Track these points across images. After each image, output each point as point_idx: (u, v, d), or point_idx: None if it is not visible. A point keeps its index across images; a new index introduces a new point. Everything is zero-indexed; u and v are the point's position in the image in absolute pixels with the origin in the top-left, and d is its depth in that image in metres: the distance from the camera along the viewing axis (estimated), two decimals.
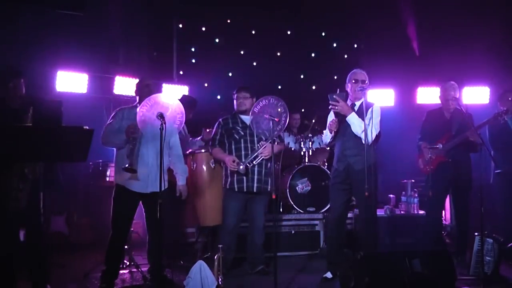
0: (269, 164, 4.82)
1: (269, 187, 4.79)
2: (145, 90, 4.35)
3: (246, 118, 4.83)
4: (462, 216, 5.15)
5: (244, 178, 4.69)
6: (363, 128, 4.16)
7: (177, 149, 4.46)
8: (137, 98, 4.44)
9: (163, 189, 4.19)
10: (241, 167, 4.62)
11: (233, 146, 4.77)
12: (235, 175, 4.70)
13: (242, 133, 4.78)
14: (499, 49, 6.98)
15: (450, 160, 4.93)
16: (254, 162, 4.69)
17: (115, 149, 4.31)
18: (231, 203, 4.75)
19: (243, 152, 4.72)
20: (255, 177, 4.71)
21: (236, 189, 4.71)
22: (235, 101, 4.91)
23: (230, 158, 4.67)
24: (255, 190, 4.72)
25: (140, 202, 4.35)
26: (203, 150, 5.17)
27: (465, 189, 5.06)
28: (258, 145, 4.70)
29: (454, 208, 5.39)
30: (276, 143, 4.73)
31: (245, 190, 4.71)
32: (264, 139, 4.64)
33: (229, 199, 4.77)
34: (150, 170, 4.19)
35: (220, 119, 4.92)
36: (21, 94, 3.87)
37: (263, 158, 4.70)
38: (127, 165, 4.04)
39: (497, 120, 4.93)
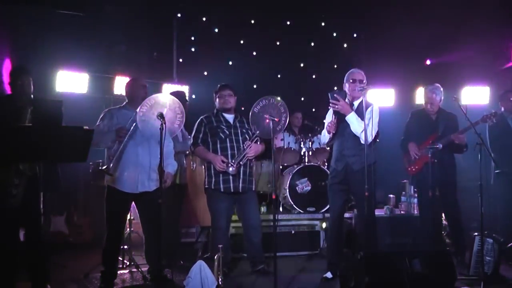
0: (252, 164, 4.82)
1: (253, 186, 4.80)
2: (142, 91, 4.34)
3: (230, 117, 4.79)
4: (454, 217, 5.15)
5: (231, 178, 4.60)
6: (363, 127, 4.16)
7: (168, 145, 4.41)
8: (127, 98, 4.41)
9: (154, 188, 4.24)
10: (231, 169, 4.53)
11: (218, 146, 4.67)
12: (221, 175, 4.61)
13: (228, 132, 4.69)
14: (499, 49, 6.98)
15: (435, 161, 4.93)
16: (240, 162, 4.62)
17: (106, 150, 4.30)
18: (221, 205, 4.65)
19: (229, 152, 4.64)
20: (241, 177, 4.65)
21: (222, 190, 4.62)
22: (218, 99, 4.80)
23: (219, 158, 4.57)
24: (240, 190, 4.67)
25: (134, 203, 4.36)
26: None
27: (451, 189, 5.09)
28: (243, 145, 4.66)
29: (443, 208, 5.37)
30: (258, 142, 4.72)
31: (232, 190, 4.63)
32: (248, 138, 4.63)
33: (217, 201, 4.66)
34: (140, 171, 4.19)
35: (202, 117, 4.79)
36: (28, 92, 3.88)
37: (247, 158, 4.66)
38: (104, 167, 4.04)
39: (486, 121, 4.93)
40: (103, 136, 4.13)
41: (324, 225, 5.65)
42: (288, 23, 8.07)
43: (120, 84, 6.72)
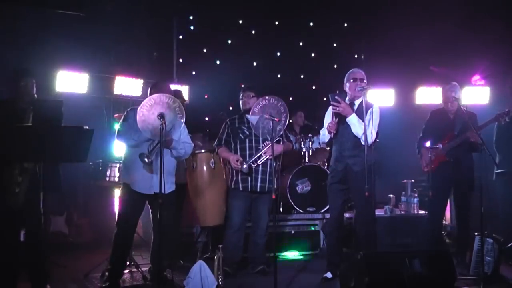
0: (274, 164, 4.83)
1: (273, 186, 4.80)
2: None
3: (252, 118, 4.84)
4: (463, 217, 5.13)
5: (249, 177, 4.71)
6: (364, 129, 4.16)
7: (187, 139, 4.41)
8: None
9: (170, 191, 4.24)
10: (244, 166, 4.64)
11: (238, 146, 4.81)
12: (240, 175, 4.74)
13: (247, 133, 4.80)
14: (498, 49, 6.98)
15: (451, 160, 4.92)
16: (258, 162, 4.71)
17: (125, 147, 4.29)
18: (236, 203, 4.78)
19: (247, 152, 4.76)
20: (259, 176, 4.74)
21: (241, 189, 4.74)
22: (240, 101, 4.95)
23: (235, 158, 4.71)
24: (258, 190, 4.74)
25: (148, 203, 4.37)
26: (203, 150, 5.17)
27: (466, 189, 5.04)
28: (263, 144, 4.72)
29: (455, 208, 5.37)
30: (282, 142, 4.76)
31: (249, 189, 4.74)
32: (269, 138, 4.64)
33: (234, 198, 4.80)
34: (155, 172, 4.19)
35: (227, 119, 4.96)
36: (31, 94, 3.89)
37: (267, 158, 4.70)
38: (146, 152, 4.01)
39: (499, 120, 4.92)
40: (135, 133, 4.11)
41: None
42: (288, 22, 8.08)
43: (120, 84, 6.73)
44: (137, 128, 4.06)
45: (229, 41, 7.88)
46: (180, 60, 7.72)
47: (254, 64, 7.97)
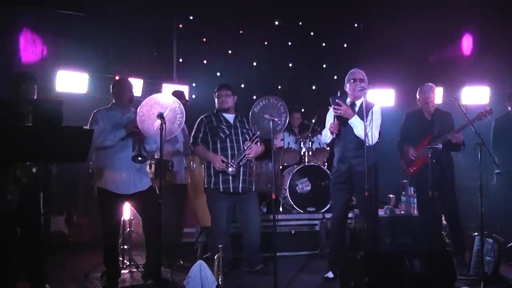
0: (251, 164, 4.80)
1: (253, 187, 4.79)
2: (129, 92, 4.41)
3: (230, 117, 4.79)
4: (452, 216, 5.14)
5: (230, 178, 4.59)
6: (364, 129, 4.16)
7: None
8: (115, 99, 4.41)
9: (145, 188, 4.29)
10: (231, 169, 4.51)
11: (218, 145, 4.66)
12: (220, 175, 4.60)
13: (228, 132, 4.69)
14: (499, 49, 6.98)
15: (433, 161, 4.90)
16: (240, 163, 4.62)
17: (95, 151, 4.27)
18: (221, 205, 4.64)
19: (229, 152, 4.63)
20: (241, 177, 4.64)
21: (221, 190, 4.61)
22: (216, 99, 4.82)
23: (218, 158, 4.56)
24: (240, 191, 4.65)
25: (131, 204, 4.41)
26: None
27: (450, 189, 5.08)
28: (244, 145, 4.65)
29: (442, 208, 5.36)
30: (259, 143, 4.71)
31: (231, 190, 4.62)
32: (248, 139, 4.62)
33: (217, 201, 4.65)
34: (132, 172, 4.22)
35: (203, 117, 4.79)
36: (32, 98, 3.89)
37: (247, 159, 4.64)
38: (136, 153, 4.06)
39: (480, 119, 4.91)
40: (109, 133, 4.14)
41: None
42: (288, 22, 8.09)
43: None
44: (110, 128, 4.13)
45: (229, 41, 7.87)
46: (180, 60, 7.72)
47: (254, 64, 7.96)
